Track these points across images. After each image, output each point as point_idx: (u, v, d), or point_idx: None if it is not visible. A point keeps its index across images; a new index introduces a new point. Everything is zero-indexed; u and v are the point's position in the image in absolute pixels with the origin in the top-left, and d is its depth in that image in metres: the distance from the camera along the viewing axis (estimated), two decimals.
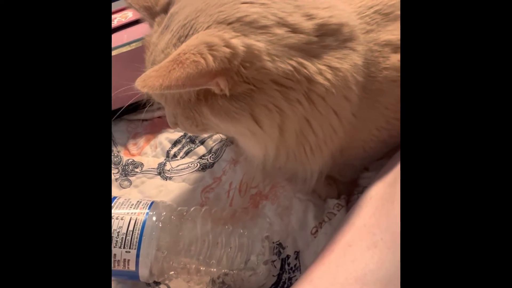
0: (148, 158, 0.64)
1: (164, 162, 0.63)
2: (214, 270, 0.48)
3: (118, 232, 0.47)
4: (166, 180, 0.61)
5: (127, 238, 0.46)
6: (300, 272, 0.50)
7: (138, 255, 0.46)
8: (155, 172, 0.62)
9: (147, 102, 0.46)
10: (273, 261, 0.51)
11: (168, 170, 0.62)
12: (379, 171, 0.47)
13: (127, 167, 0.63)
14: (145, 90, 0.34)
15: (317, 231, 0.51)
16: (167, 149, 0.64)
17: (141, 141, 0.67)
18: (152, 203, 0.50)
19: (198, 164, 0.61)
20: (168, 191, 0.59)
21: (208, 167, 0.61)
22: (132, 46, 0.62)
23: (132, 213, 0.48)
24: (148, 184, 0.61)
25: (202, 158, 0.62)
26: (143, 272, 0.47)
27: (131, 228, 0.47)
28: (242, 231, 0.48)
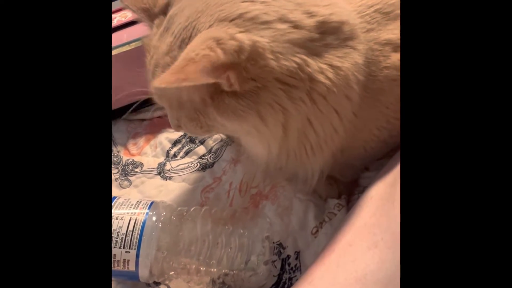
0: (148, 158, 0.64)
1: (164, 162, 0.63)
2: (214, 270, 0.47)
3: (118, 232, 0.46)
4: (166, 180, 0.61)
5: (127, 238, 0.46)
6: (300, 272, 0.50)
7: (138, 256, 0.46)
8: (155, 172, 0.62)
9: (147, 102, 0.46)
10: (273, 261, 0.51)
11: (168, 170, 0.62)
12: (380, 171, 0.47)
13: (127, 167, 0.63)
14: (163, 86, 0.34)
15: (317, 231, 0.51)
16: (167, 149, 0.64)
17: (141, 141, 0.67)
18: (152, 203, 0.50)
19: (198, 164, 0.61)
20: (168, 191, 0.59)
21: (208, 167, 0.61)
22: (132, 46, 0.62)
23: (132, 213, 0.48)
24: (148, 184, 0.61)
25: (202, 158, 0.62)
26: (143, 273, 0.47)
27: (131, 228, 0.47)
28: (242, 231, 0.48)
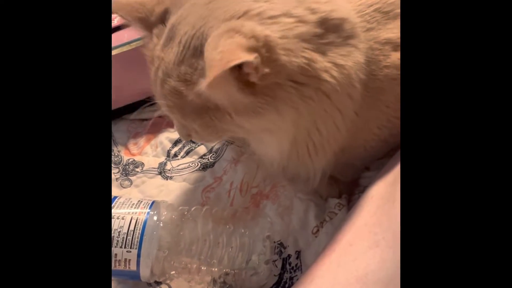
0: (149, 157, 0.64)
1: (164, 161, 0.63)
2: (215, 269, 0.48)
3: (119, 231, 0.46)
4: (167, 179, 0.61)
5: (128, 238, 0.46)
6: (301, 272, 0.50)
7: (139, 255, 0.46)
8: (155, 172, 0.62)
9: (147, 102, 0.46)
10: (274, 260, 0.51)
11: (169, 170, 0.62)
12: (380, 171, 0.47)
13: (127, 166, 0.63)
14: (215, 83, 0.32)
15: (318, 230, 0.51)
16: (168, 148, 0.64)
17: (141, 140, 0.67)
18: (153, 202, 0.50)
19: (199, 164, 0.61)
20: (168, 191, 0.59)
21: (209, 167, 0.61)
22: (132, 46, 0.61)
23: (133, 212, 0.48)
24: (149, 183, 0.61)
25: (203, 157, 0.62)
26: (144, 272, 0.47)
27: (132, 227, 0.47)
28: (243, 231, 0.48)
